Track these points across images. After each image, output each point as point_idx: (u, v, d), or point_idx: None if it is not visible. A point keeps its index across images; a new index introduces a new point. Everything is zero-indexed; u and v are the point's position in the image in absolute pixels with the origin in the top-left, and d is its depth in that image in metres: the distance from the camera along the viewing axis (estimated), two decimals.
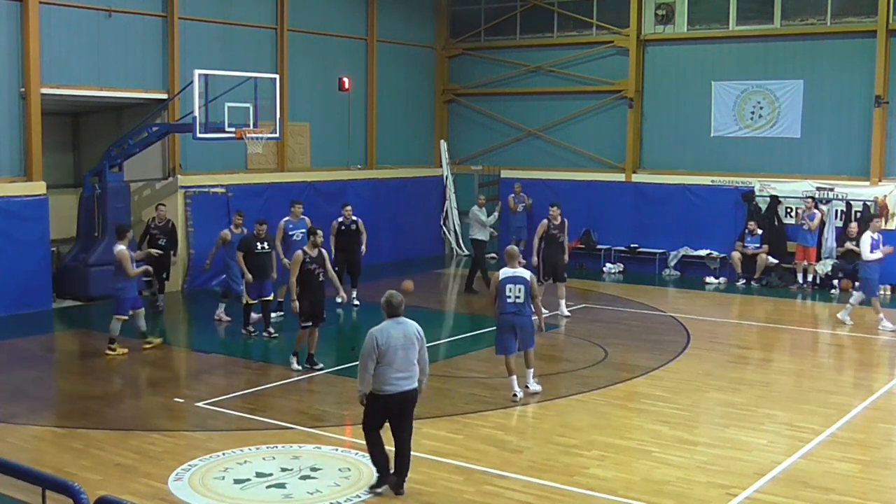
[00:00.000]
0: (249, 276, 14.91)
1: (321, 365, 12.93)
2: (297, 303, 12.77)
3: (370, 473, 8.92)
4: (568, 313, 16.72)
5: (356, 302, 17.37)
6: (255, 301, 15.13)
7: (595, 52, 23.40)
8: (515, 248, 12.05)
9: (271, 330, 15.00)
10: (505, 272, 11.64)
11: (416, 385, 8.58)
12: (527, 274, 11.74)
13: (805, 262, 20.03)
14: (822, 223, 20.26)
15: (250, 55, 20.26)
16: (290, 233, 16.36)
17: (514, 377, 11.62)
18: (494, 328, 12.19)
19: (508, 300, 11.55)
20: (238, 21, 20.18)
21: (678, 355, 14.07)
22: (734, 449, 9.81)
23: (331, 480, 8.83)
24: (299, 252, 12.98)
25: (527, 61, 24.31)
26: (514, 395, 11.56)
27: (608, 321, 16.72)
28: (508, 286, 11.55)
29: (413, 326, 8.65)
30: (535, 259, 16.57)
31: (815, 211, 20.03)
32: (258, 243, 15.11)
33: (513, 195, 23.23)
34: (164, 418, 10.93)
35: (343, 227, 17.70)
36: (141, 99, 18.83)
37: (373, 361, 8.41)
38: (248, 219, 17.38)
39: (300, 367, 12.85)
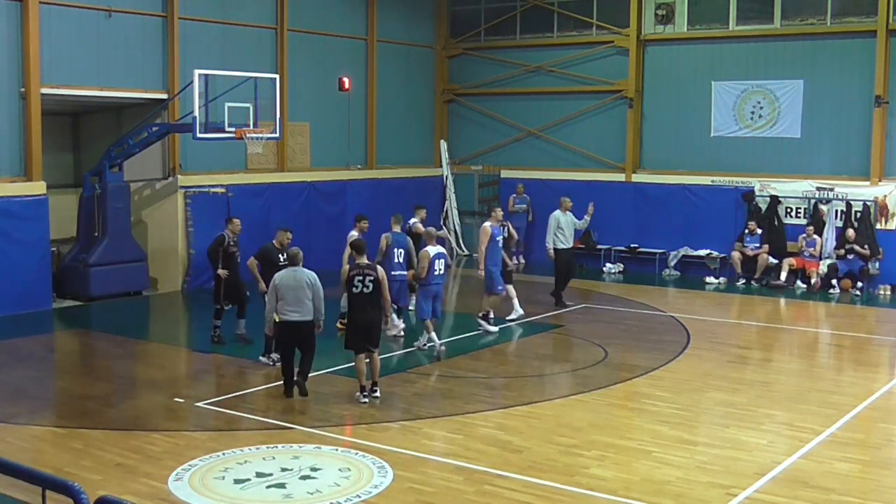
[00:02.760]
0: (264, 286, 12.74)
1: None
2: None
3: (370, 473, 8.95)
4: (513, 316, 16.31)
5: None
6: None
7: (595, 52, 23.40)
8: (434, 229, 14.55)
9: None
10: (433, 250, 13.78)
11: (308, 318, 11.32)
12: (445, 251, 14.30)
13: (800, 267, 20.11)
14: (822, 223, 20.28)
15: (250, 55, 20.26)
16: (497, 238, 15.58)
17: (433, 333, 13.92)
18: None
19: (436, 273, 13.73)
20: (238, 21, 20.17)
21: (678, 355, 14.07)
22: (734, 449, 9.81)
23: (331, 480, 8.83)
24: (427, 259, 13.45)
25: (527, 61, 24.30)
26: (429, 344, 13.90)
27: (608, 321, 16.71)
28: (437, 261, 13.73)
29: (307, 274, 11.39)
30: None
31: (815, 237, 20.03)
32: (280, 255, 13.07)
33: (514, 195, 23.38)
34: (164, 418, 10.92)
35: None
36: (141, 99, 18.82)
37: (274, 297, 11.39)
38: (248, 221, 17.19)
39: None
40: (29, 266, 16.78)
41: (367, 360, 11.46)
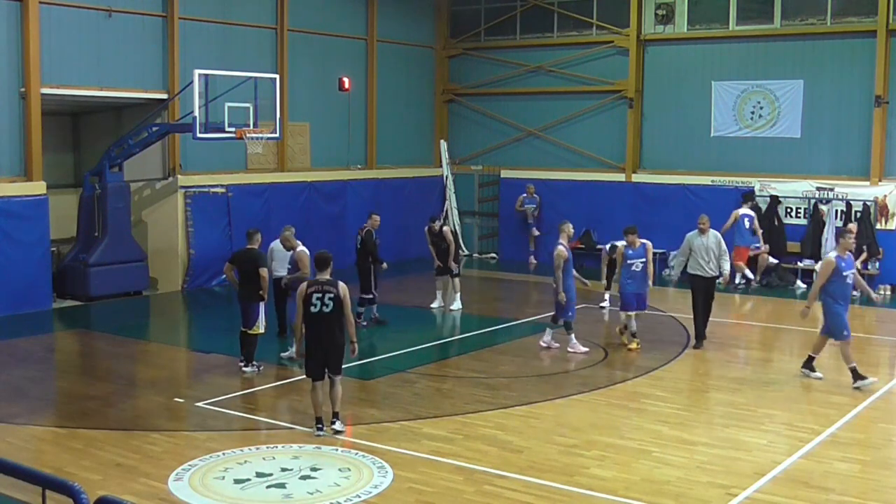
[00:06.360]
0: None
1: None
2: None
3: (370, 473, 8.95)
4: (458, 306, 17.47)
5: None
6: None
7: (595, 52, 23.40)
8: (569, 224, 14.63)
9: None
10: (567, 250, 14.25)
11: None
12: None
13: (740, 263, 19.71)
14: (822, 223, 20.28)
15: (250, 55, 20.26)
16: (845, 273, 12.38)
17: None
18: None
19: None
20: (238, 21, 20.18)
21: (678, 355, 14.07)
22: (734, 449, 9.81)
23: (331, 480, 8.83)
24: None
25: (527, 61, 24.30)
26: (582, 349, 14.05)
27: (608, 321, 16.71)
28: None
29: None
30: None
31: (745, 213, 19.75)
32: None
33: (524, 195, 23.47)
34: (164, 418, 10.93)
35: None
36: (141, 99, 18.83)
37: (269, 260, 13.81)
38: (248, 221, 17.15)
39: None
40: (29, 266, 16.78)
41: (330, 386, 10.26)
